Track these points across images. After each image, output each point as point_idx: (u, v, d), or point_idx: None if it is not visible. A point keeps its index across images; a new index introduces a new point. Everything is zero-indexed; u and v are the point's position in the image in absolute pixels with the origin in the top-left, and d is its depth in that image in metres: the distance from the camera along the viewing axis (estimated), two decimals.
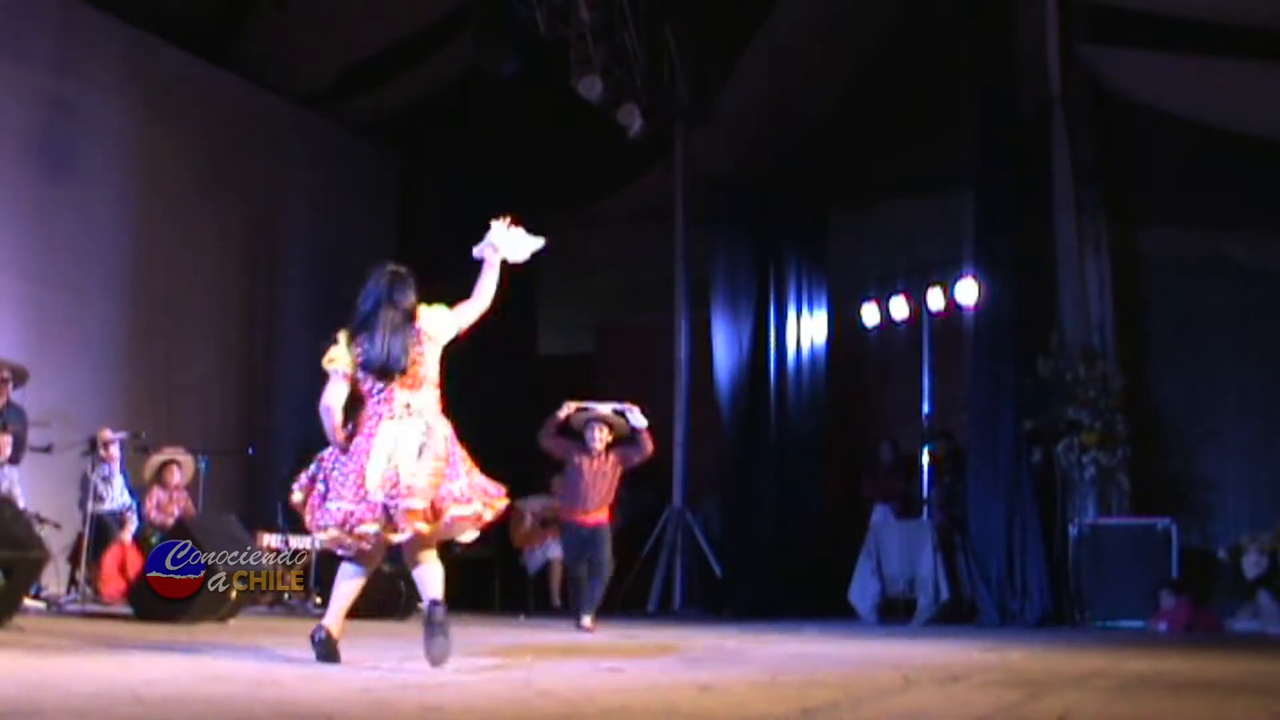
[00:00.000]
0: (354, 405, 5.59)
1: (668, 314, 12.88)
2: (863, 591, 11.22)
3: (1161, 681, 5.42)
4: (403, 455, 5.23)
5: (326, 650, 5.27)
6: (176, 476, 9.82)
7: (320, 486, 5.33)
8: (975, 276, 11.54)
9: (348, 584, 5.55)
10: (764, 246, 12.43)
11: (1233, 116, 10.87)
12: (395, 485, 5.16)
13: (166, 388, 11.25)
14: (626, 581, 12.11)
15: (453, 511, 5.26)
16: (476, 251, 5.84)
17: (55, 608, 8.57)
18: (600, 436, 9.15)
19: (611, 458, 9.17)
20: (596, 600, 8.92)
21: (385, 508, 5.18)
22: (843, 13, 12.15)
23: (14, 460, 8.88)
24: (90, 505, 9.16)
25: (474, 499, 5.32)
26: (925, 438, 12.04)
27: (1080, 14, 11.49)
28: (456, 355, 5.96)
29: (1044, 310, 11.44)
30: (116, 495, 9.60)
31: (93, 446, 9.47)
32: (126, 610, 8.03)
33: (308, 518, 5.40)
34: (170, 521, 9.48)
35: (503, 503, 5.48)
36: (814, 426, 12.38)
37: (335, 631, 5.38)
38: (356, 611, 8.74)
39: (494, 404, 13.49)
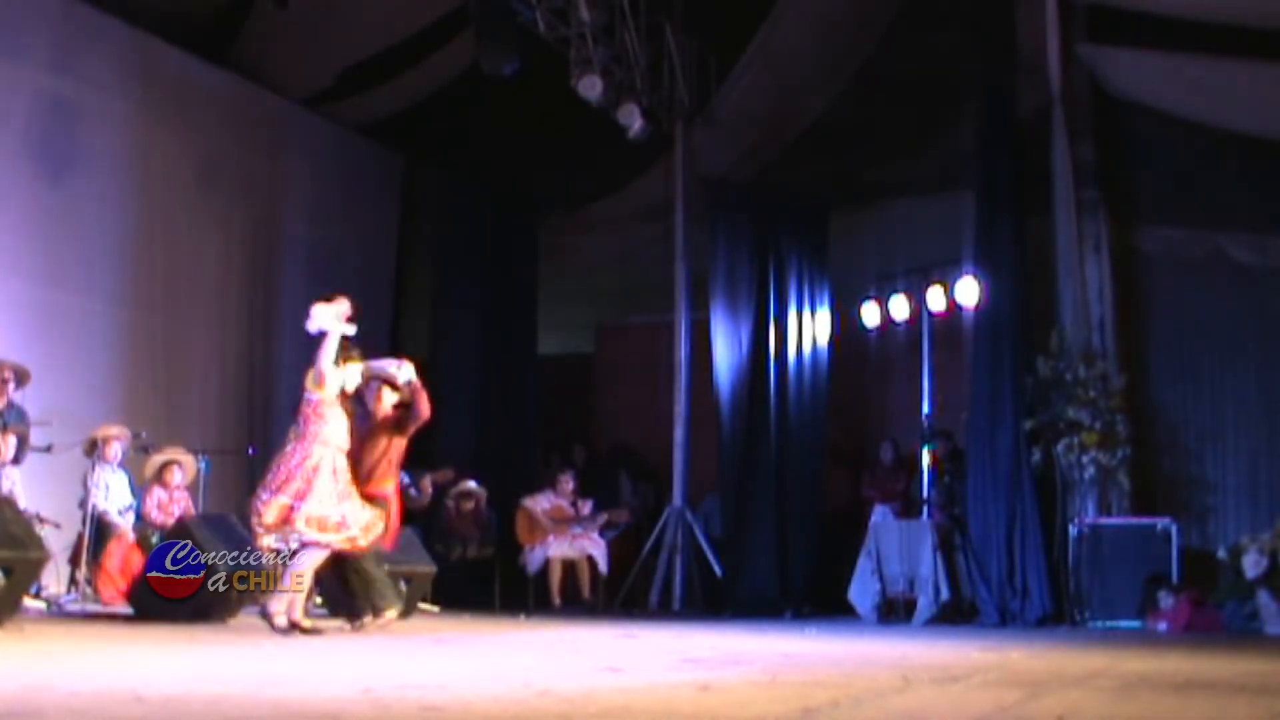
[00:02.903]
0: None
1: (668, 314, 12.87)
2: (863, 591, 11.22)
3: (1161, 681, 5.42)
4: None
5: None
6: (177, 476, 9.82)
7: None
8: (975, 276, 11.54)
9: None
10: (764, 246, 12.43)
11: (1233, 116, 10.87)
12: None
13: (166, 388, 11.25)
14: (627, 581, 12.14)
15: (299, 527, 7.10)
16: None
17: (55, 608, 8.57)
18: (381, 397, 8.01)
19: (385, 424, 8.03)
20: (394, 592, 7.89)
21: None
22: (843, 13, 12.16)
23: (16, 461, 8.88)
24: (90, 505, 9.16)
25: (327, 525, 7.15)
26: (925, 438, 12.04)
27: (1080, 14, 11.49)
28: (457, 355, 6.40)
29: (1044, 310, 11.43)
30: (117, 495, 9.60)
31: (92, 445, 9.47)
32: (126, 610, 8.03)
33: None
34: (170, 521, 9.48)
35: (355, 534, 7.21)
36: (814, 426, 12.37)
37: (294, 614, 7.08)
38: (357, 611, 8.78)
39: (494, 404, 13.52)
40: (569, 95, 11.48)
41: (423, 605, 9.69)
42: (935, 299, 12.17)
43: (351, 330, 7.17)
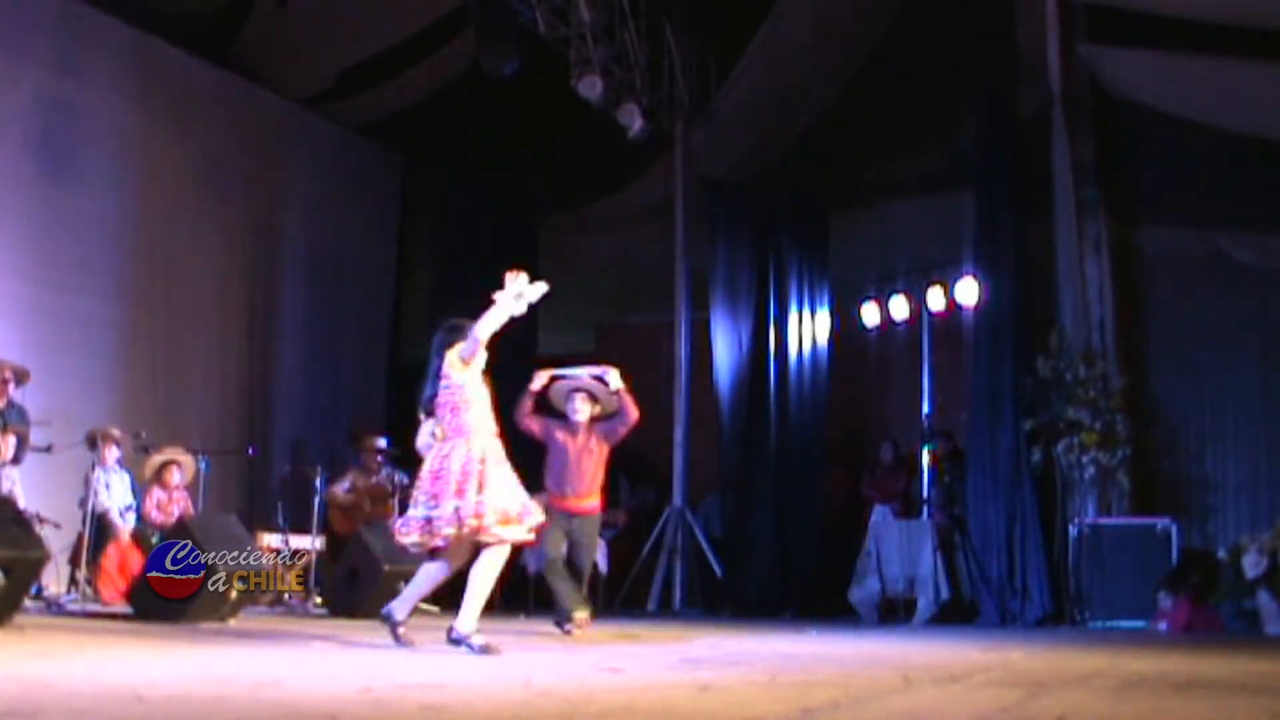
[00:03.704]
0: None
1: (668, 313, 12.88)
2: (863, 591, 11.23)
3: (1162, 681, 5.42)
4: (425, 479, 6.28)
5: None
6: (176, 476, 9.82)
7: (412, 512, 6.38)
8: (975, 276, 11.54)
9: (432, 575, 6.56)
10: (764, 246, 12.44)
11: (1233, 116, 10.86)
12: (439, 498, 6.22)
13: (166, 388, 11.25)
14: (627, 581, 12.13)
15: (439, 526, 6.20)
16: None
17: (55, 608, 8.57)
18: (584, 409, 8.15)
19: (595, 433, 8.17)
20: (580, 597, 7.97)
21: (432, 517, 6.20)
22: (843, 13, 12.16)
23: (16, 460, 8.88)
24: (90, 505, 9.17)
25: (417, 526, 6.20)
26: (925, 438, 12.05)
27: (1080, 14, 11.49)
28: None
29: (1044, 310, 11.44)
30: (119, 495, 9.60)
31: (92, 444, 9.48)
32: (126, 610, 8.03)
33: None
34: (170, 521, 9.48)
35: (448, 531, 6.18)
36: (814, 426, 12.37)
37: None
38: (359, 611, 8.79)
39: (494, 404, 13.51)
40: (569, 95, 11.48)
41: (423, 605, 9.67)
42: (935, 299, 12.17)
43: (520, 310, 6.69)
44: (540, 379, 8.21)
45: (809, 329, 12.47)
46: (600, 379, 8.17)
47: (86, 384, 10.38)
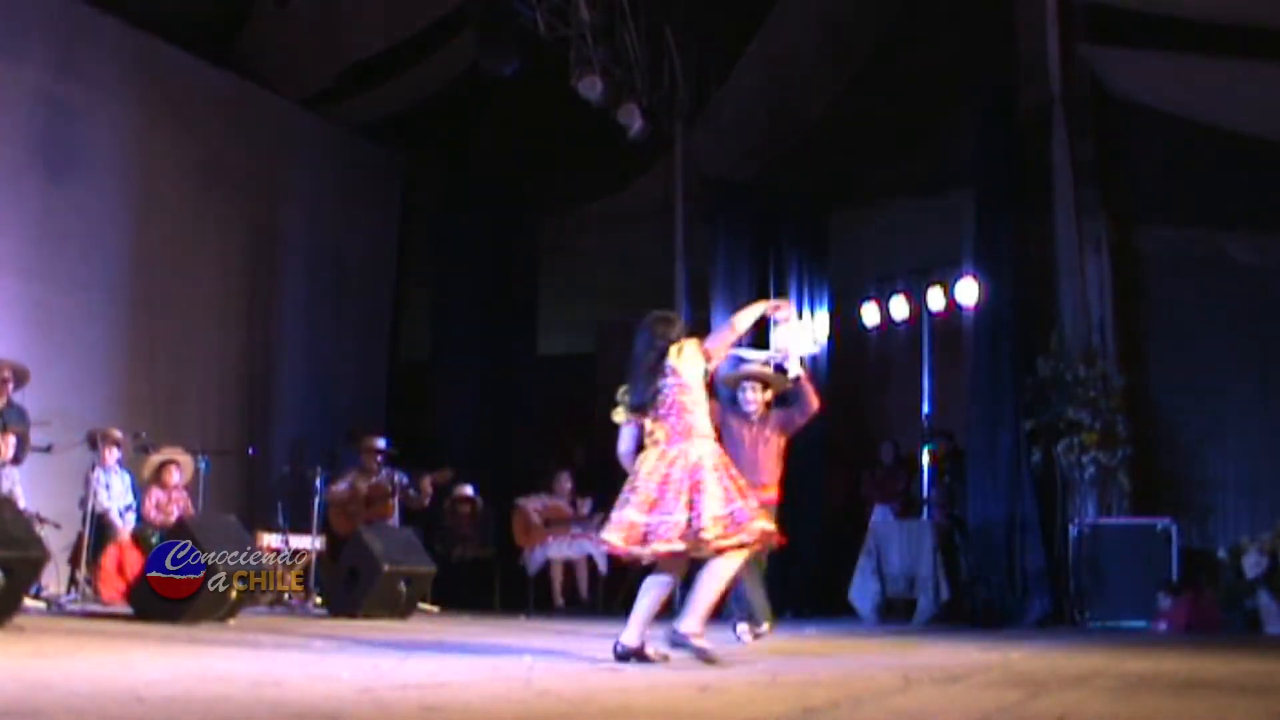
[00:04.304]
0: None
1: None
2: (863, 591, 11.22)
3: (1161, 681, 5.42)
4: (645, 483, 5.67)
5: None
6: (176, 476, 9.83)
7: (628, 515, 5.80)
8: (975, 276, 11.54)
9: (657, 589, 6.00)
10: (764, 246, 12.43)
11: (1233, 116, 10.86)
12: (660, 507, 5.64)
13: (166, 388, 11.24)
14: (627, 581, 12.13)
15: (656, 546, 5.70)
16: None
17: (55, 608, 8.57)
18: (755, 398, 7.71)
19: (771, 421, 7.71)
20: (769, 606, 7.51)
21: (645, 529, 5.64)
22: (843, 13, 12.16)
23: (16, 460, 8.88)
24: (90, 505, 9.17)
25: (707, 526, 5.56)
26: (925, 438, 12.04)
27: (1080, 14, 11.49)
28: (457, 355, 6.11)
29: (1044, 310, 11.44)
30: (119, 495, 9.60)
31: (92, 444, 9.48)
32: (126, 610, 8.03)
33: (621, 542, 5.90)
34: (170, 521, 9.49)
35: (757, 526, 5.63)
36: (814, 426, 12.32)
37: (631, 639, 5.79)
38: (358, 611, 8.79)
39: (494, 404, 13.53)
40: (569, 95, 11.48)
41: (423, 605, 9.69)
42: (935, 299, 12.18)
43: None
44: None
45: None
46: (780, 367, 7.83)
47: (86, 384, 10.38)
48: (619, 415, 5.97)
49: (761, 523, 5.64)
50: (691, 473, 5.58)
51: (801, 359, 7.50)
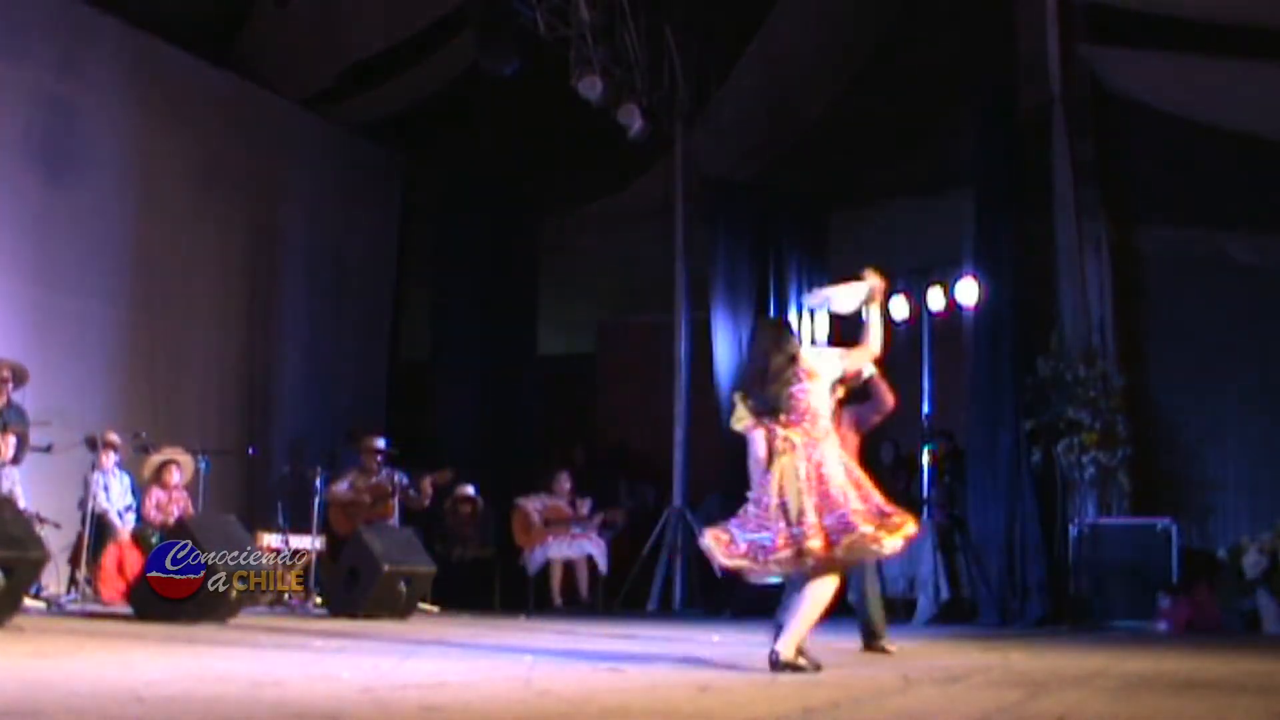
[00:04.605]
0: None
1: (668, 313, 12.87)
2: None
3: (1161, 681, 5.42)
4: (793, 492, 5.51)
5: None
6: (176, 476, 9.83)
7: (733, 526, 5.67)
8: (975, 276, 11.54)
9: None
10: (764, 246, 12.44)
11: (1233, 116, 10.86)
12: (788, 516, 5.48)
13: (166, 388, 11.25)
14: (627, 581, 12.14)
15: (863, 529, 5.42)
16: (806, 300, 5.94)
17: (55, 608, 8.57)
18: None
19: (845, 419, 7.43)
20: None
21: (792, 535, 5.45)
22: (843, 13, 12.16)
23: (15, 460, 8.88)
24: (90, 505, 9.17)
25: (859, 525, 5.41)
26: (925, 438, 12.03)
27: (1080, 14, 11.48)
28: (457, 355, 6.02)
29: (1044, 310, 11.43)
30: (118, 496, 9.60)
31: (92, 445, 9.48)
32: (126, 610, 8.03)
33: (718, 551, 5.69)
34: (169, 521, 9.49)
35: (910, 526, 5.49)
36: None
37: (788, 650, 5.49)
38: (358, 611, 8.78)
39: (494, 404, 13.53)
40: (569, 95, 11.48)
41: (423, 605, 9.69)
42: (935, 299, 12.17)
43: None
44: None
45: (809, 329, 12.47)
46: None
47: (86, 384, 10.38)
48: (742, 422, 5.88)
49: (866, 528, 5.42)
50: (818, 481, 5.52)
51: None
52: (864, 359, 6.09)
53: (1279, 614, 9.87)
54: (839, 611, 11.26)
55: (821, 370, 5.78)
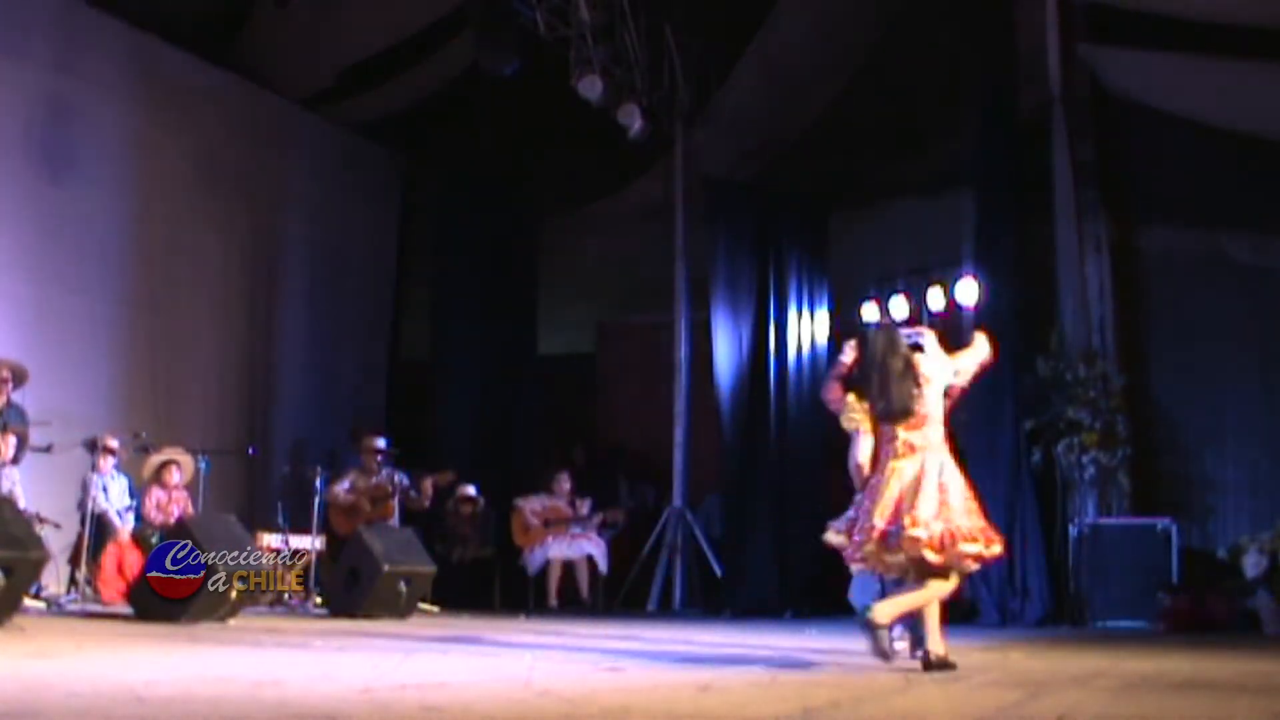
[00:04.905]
0: None
1: (668, 314, 12.88)
2: (863, 592, 11.15)
3: (1161, 681, 5.42)
4: (908, 489, 5.59)
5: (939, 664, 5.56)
6: (175, 476, 9.83)
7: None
8: (975, 276, 11.53)
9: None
10: (764, 246, 12.43)
11: (1233, 116, 10.86)
12: (900, 515, 5.52)
13: (166, 388, 11.24)
14: (627, 582, 12.14)
15: (963, 547, 5.51)
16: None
17: (55, 608, 8.57)
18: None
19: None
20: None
21: (888, 534, 5.52)
22: (843, 13, 12.16)
23: (15, 460, 8.88)
24: (90, 505, 9.17)
25: (979, 538, 5.55)
26: None
27: (1080, 14, 11.49)
28: (457, 355, 6.00)
29: (1044, 310, 11.44)
30: (117, 497, 9.60)
31: (91, 449, 9.47)
32: (126, 610, 8.03)
33: (846, 553, 5.96)
34: (169, 521, 9.49)
35: (998, 547, 5.63)
36: (814, 426, 12.35)
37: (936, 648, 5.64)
38: (358, 611, 8.78)
39: (494, 404, 13.53)
40: (569, 95, 11.47)
41: (423, 605, 9.70)
42: (935, 299, 12.16)
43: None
44: (851, 349, 6.87)
45: (809, 329, 12.47)
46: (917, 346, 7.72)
47: (86, 384, 10.38)
48: (854, 422, 6.04)
49: (973, 547, 5.52)
50: (939, 490, 5.59)
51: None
52: (972, 361, 6.10)
53: (1279, 614, 9.87)
54: (838, 611, 11.29)
55: (934, 375, 5.84)
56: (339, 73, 12.66)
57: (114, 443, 9.59)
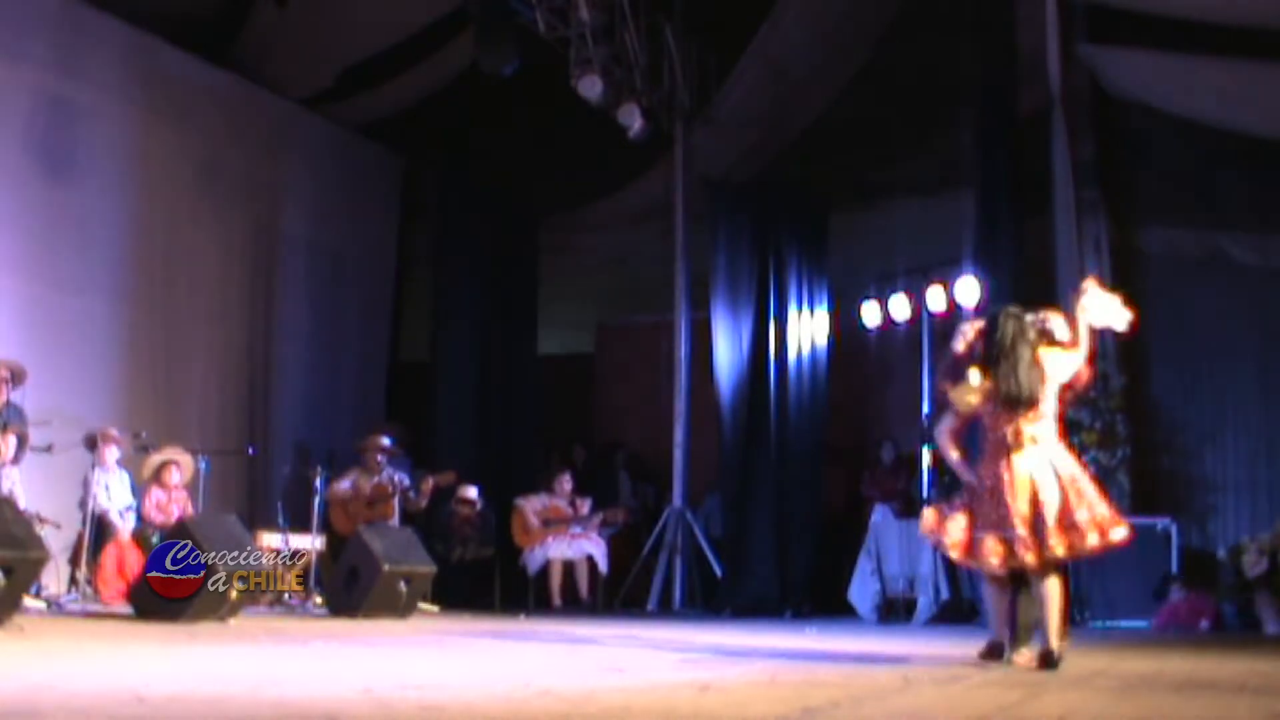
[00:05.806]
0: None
1: (668, 314, 12.88)
2: (863, 591, 11.22)
3: (1162, 681, 5.42)
4: (1044, 490, 5.67)
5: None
6: (175, 476, 9.82)
7: (957, 513, 5.83)
8: (975, 276, 11.54)
9: (991, 601, 6.28)
10: (764, 246, 12.43)
11: (1233, 116, 10.87)
12: (1041, 519, 5.66)
13: (166, 388, 11.24)
14: (627, 581, 12.14)
15: (1090, 541, 5.73)
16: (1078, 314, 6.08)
17: (55, 608, 8.57)
18: None
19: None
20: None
21: (1010, 540, 5.67)
22: (843, 13, 12.16)
23: (15, 460, 8.88)
24: (90, 505, 9.17)
25: (1089, 531, 5.73)
26: (925, 438, 12.03)
27: (1080, 14, 11.49)
28: (457, 355, 5.98)
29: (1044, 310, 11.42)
30: (118, 495, 9.60)
31: (91, 445, 9.48)
32: (127, 610, 8.03)
33: (937, 538, 5.95)
34: (169, 521, 9.49)
35: (1121, 531, 5.78)
36: (814, 426, 12.37)
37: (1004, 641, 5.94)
38: (358, 611, 8.78)
39: (494, 404, 13.53)
40: (569, 95, 11.47)
41: (423, 605, 9.70)
42: (935, 299, 12.17)
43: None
44: (971, 329, 6.48)
45: (809, 329, 12.47)
46: (1045, 332, 7.53)
47: (86, 384, 10.37)
48: (969, 401, 5.86)
49: (1094, 539, 5.75)
50: (1058, 485, 5.67)
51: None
52: (1076, 362, 6.02)
53: (1279, 614, 9.87)
54: (838, 611, 11.29)
55: (1053, 372, 5.81)
56: (339, 73, 12.66)
57: (116, 433, 9.59)
